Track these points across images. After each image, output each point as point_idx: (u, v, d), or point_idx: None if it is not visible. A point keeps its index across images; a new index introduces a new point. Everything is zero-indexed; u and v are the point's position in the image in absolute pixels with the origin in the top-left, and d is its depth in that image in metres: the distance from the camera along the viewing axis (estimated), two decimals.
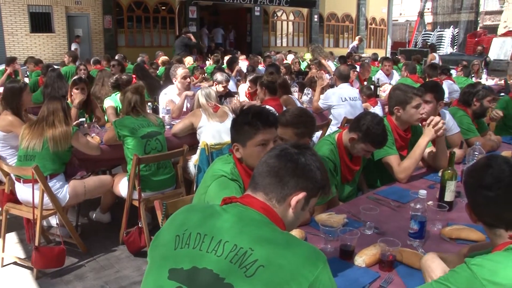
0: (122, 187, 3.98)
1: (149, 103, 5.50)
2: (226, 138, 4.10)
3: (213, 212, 1.43)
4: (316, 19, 22.29)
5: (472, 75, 10.55)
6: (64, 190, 3.67)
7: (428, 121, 3.09)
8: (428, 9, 27.58)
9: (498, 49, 17.24)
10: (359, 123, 2.84)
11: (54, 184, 3.62)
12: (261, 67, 10.42)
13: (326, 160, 2.84)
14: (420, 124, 3.32)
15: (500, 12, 25.07)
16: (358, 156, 2.99)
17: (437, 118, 3.09)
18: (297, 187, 1.46)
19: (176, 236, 1.39)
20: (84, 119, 4.71)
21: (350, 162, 2.97)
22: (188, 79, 5.40)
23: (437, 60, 12.85)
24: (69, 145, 3.64)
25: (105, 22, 16.69)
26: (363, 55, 16.65)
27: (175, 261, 1.34)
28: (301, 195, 1.46)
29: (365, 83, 8.25)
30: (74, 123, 3.99)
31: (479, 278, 1.33)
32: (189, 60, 11.03)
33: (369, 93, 6.50)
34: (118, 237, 4.02)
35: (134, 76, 5.17)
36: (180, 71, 5.36)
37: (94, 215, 4.47)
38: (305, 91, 6.57)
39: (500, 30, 22.87)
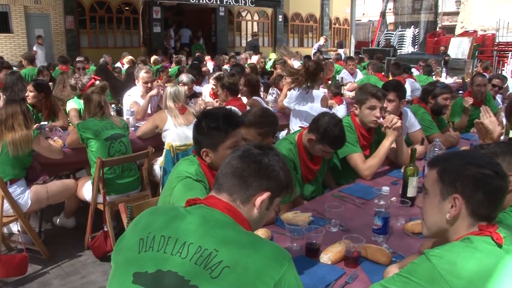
0: (86, 191, 3.90)
1: (113, 105, 5.42)
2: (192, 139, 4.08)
3: (177, 214, 1.42)
4: (280, 19, 22.39)
5: (433, 74, 10.84)
6: (25, 196, 3.57)
7: (384, 125, 3.14)
8: (390, 9, 28.13)
9: (456, 49, 17.76)
10: (317, 124, 2.83)
11: (15, 189, 3.52)
12: (226, 66, 10.41)
13: (285, 159, 2.84)
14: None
15: (457, 13, 25.87)
16: (318, 156, 3.00)
17: (389, 117, 3.16)
18: (261, 187, 1.47)
19: (140, 240, 1.37)
20: (45, 122, 4.60)
21: (310, 162, 2.97)
22: (149, 84, 5.34)
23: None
24: (30, 149, 3.54)
25: (67, 22, 16.25)
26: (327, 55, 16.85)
27: (140, 265, 1.33)
28: (265, 195, 1.47)
29: (329, 82, 8.35)
30: (35, 126, 3.88)
31: (438, 269, 1.36)
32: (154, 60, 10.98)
33: (336, 92, 6.60)
34: (83, 242, 3.94)
35: (94, 77, 5.06)
36: (142, 75, 5.31)
37: (58, 220, 4.37)
38: (270, 90, 6.60)
39: (458, 31, 23.59)
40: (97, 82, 4.49)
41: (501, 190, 1.48)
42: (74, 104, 5.07)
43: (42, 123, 4.39)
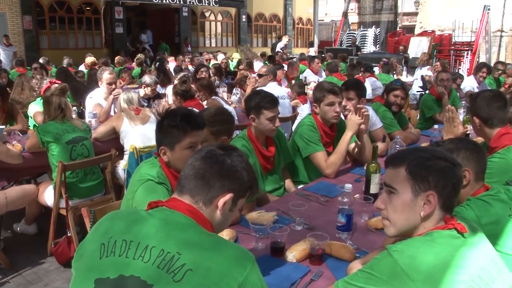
0: (48, 196, 3.81)
1: (75, 108, 5.30)
2: (154, 141, 4.05)
3: (138, 218, 1.40)
4: (244, 19, 22.43)
5: (394, 72, 11.09)
6: None
7: (352, 111, 3.23)
8: (352, 9, 28.60)
9: (416, 48, 18.21)
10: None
11: None
12: (190, 67, 10.35)
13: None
14: (344, 119, 3.43)
15: (416, 14, 26.52)
16: (271, 142, 3.11)
17: (359, 106, 3.26)
18: (223, 188, 1.46)
19: (101, 245, 1.35)
20: (3, 126, 4.46)
21: (264, 150, 3.05)
22: (113, 85, 5.27)
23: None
24: None
25: (25, 22, 15.70)
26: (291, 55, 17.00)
27: (101, 271, 1.30)
28: (228, 196, 1.46)
29: (293, 81, 8.42)
30: None
31: (399, 263, 1.39)
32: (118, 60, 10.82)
33: (300, 91, 6.65)
34: (46, 248, 3.84)
35: (51, 81, 4.91)
36: (106, 76, 5.22)
37: (19, 227, 4.23)
38: (234, 91, 6.61)
39: (417, 30, 24.17)
40: (54, 85, 4.37)
41: (462, 180, 1.55)
42: (37, 107, 4.92)
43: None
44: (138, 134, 4.17)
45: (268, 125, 2.99)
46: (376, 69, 10.34)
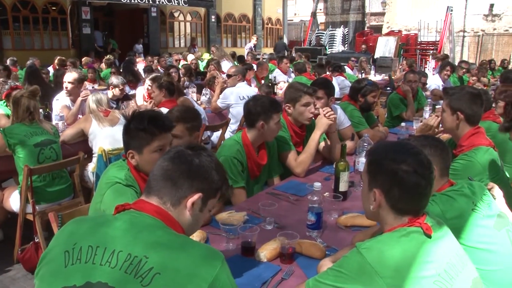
0: (13, 201, 3.71)
1: (41, 110, 5.18)
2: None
3: (104, 221, 1.37)
4: (213, 20, 22.35)
5: (363, 72, 11.25)
6: None
7: (320, 112, 3.25)
8: (321, 9, 28.88)
9: (383, 47, 18.58)
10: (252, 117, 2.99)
11: None
12: (159, 68, 10.25)
13: (235, 160, 2.88)
14: (314, 119, 3.45)
15: (383, 14, 27.01)
16: (264, 151, 3.09)
17: (325, 108, 3.28)
18: (192, 189, 1.44)
19: (65, 252, 1.31)
20: None
21: (257, 158, 3.04)
22: (71, 85, 5.14)
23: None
24: None
25: None
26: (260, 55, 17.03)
27: (66, 279, 1.27)
28: (196, 196, 1.44)
29: (263, 81, 8.44)
30: None
31: (368, 261, 1.40)
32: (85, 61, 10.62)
33: (268, 91, 6.66)
34: (12, 255, 3.73)
35: (12, 87, 4.77)
36: (65, 76, 5.12)
37: None
38: (203, 91, 6.58)
39: (384, 30, 24.63)
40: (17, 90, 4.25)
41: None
42: (1, 110, 4.78)
43: None
44: (107, 136, 4.10)
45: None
46: (348, 70, 10.47)
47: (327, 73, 8.28)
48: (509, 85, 4.62)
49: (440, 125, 3.17)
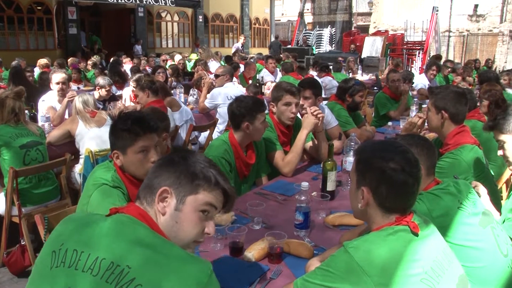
0: None
1: (26, 111, 5.12)
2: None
3: (89, 222, 1.35)
4: (200, 20, 22.29)
5: (349, 71, 11.31)
6: None
7: (308, 111, 3.26)
8: (308, 9, 28.98)
9: (370, 47, 18.69)
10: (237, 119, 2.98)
11: None
12: (148, 68, 10.21)
13: (223, 160, 2.87)
14: (301, 118, 3.46)
15: (370, 14, 27.21)
16: (252, 151, 3.09)
17: (313, 107, 3.29)
18: (160, 184, 1.38)
19: (52, 252, 1.30)
20: None
21: (245, 158, 3.04)
22: (62, 85, 5.11)
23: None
24: None
25: None
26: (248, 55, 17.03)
27: (51, 282, 1.26)
28: (161, 190, 1.37)
29: (250, 81, 8.44)
30: None
31: (355, 259, 1.41)
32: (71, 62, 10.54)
33: (256, 91, 6.66)
34: None
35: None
36: (55, 77, 5.07)
37: None
38: (191, 91, 6.57)
39: (371, 30, 24.81)
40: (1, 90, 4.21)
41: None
42: None
43: None
44: (94, 137, 4.07)
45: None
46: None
47: (310, 73, 8.31)
48: (494, 84, 4.67)
49: (426, 124, 3.20)
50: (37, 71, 9.43)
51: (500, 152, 2.36)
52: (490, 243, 1.86)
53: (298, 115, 3.54)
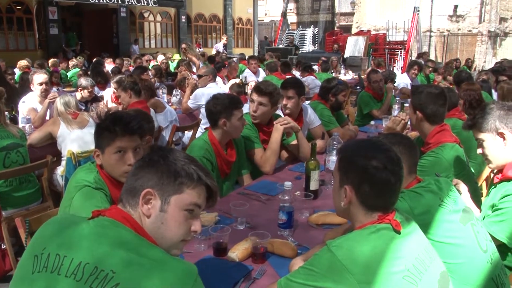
0: None
1: (6, 113, 5.05)
2: (92, 145, 3.94)
3: (69, 224, 1.34)
4: (183, 20, 22.23)
5: (332, 71, 11.38)
6: None
7: (276, 122, 3.30)
8: (291, 9, 29.11)
9: (353, 47, 18.82)
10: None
11: None
12: (131, 69, 10.13)
13: (204, 160, 2.87)
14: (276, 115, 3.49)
15: (352, 14, 27.42)
16: (232, 148, 3.10)
17: (285, 119, 3.32)
18: (143, 186, 1.36)
19: (34, 257, 1.27)
20: None
21: (226, 155, 3.04)
22: (45, 86, 5.05)
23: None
24: None
25: None
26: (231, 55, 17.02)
27: (31, 286, 1.24)
28: (144, 192, 1.35)
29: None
30: None
31: (339, 258, 1.42)
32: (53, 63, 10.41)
33: (239, 91, 6.64)
34: None
35: None
36: (37, 78, 5.01)
37: None
38: (174, 92, 6.54)
39: (353, 30, 24.99)
40: None
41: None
42: None
43: None
44: (76, 139, 4.02)
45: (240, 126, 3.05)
46: (316, 68, 10.57)
47: (293, 72, 8.35)
48: (472, 84, 4.73)
49: (409, 123, 3.24)
50: (17, 72, 9.30)
51: (479, 151, 2.39)
52: (470, 240, 1.89)
53: (281, 113, 3.55)
